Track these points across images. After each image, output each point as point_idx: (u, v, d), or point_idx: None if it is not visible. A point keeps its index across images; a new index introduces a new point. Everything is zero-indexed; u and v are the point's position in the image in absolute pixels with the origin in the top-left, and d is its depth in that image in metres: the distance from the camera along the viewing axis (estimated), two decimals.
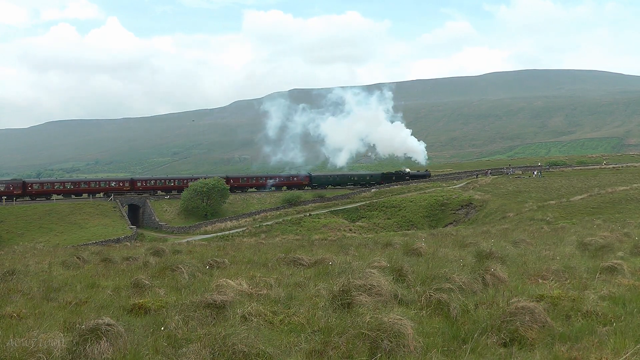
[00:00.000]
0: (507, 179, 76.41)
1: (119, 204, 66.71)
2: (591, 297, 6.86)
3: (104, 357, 4.97)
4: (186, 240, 44.17)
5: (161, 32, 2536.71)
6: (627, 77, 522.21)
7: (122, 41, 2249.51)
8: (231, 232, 55.90)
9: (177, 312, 6.34)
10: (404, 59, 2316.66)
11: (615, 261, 9.83)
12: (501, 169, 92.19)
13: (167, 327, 5.84)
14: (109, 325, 5.26)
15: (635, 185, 57.27)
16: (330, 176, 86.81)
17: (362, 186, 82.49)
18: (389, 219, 63.26)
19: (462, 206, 63.48)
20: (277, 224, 59.26)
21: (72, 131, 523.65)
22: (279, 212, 65.16)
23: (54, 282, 9.76)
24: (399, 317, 5.33)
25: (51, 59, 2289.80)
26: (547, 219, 43.44)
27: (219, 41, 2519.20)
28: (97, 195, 71.02)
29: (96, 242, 44.26)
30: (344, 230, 56.70)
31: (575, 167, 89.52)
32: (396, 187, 77.52)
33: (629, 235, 18.69)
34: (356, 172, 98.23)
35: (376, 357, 4.95)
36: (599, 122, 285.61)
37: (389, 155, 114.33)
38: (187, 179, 74.56)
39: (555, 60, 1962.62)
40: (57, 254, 18.32)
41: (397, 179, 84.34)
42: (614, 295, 7.37)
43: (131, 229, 57.50)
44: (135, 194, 72.68)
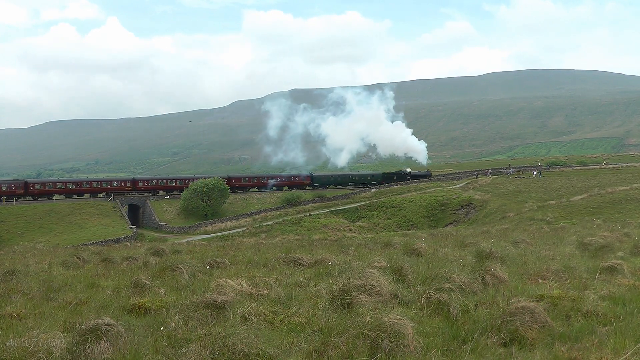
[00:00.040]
0: (507, 179, 76.40)
1: (119, 204, 66.68)
2: (591, 297, 6.85)
3: (104, 357, 4.97)
4: (186, 240, 44.18)
5: (161, 32, 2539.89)
6: (627, 77, 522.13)
7: (122, 41, 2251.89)
8: (231, 232, 55.91)
9: (177, 312, 6.34)
10: (404, 59, 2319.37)
11: (615, 261, 9.83)
12: (501, 169, 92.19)
13: (167, 327, 5.84)
14: (109, 325, 5.26)
15: (635, 185, 57.27)
16: (331, 176, 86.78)
17: (363, 186, 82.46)
18: (389, 219, 63.26)
19: (462, 206, 63.49)
20: (277, 224, 59.26)
21: (72, 131, 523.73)
22: (279, 212, 65.15)
23: (54, 282, 9.76)
24: (399, 317, 5.33)
25: (51, 59, 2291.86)
26: (547, 219, 43.43)
27: (219, 41, 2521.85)
28: (99, 195, 71.01)
29: (96, 242, 44.26)
30: (344, 230, 56.70)
31: (575, 167, 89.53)
32: (396, 187, 77.50)
33: (629, 235, 18.69)
34: (357, 172, 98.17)
35: (376, 357, 4.94)
36: (599, 122, 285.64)
37: (390, 155, 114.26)
38: (189, 179, 74.27)
39: (555, 60, 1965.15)
40: (57, 254, 18.32)
41: (398, 179, 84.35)
42: (614, 295, 7.37)
43: (131, 229, 57.49)
44: (137, 193, 72.59)
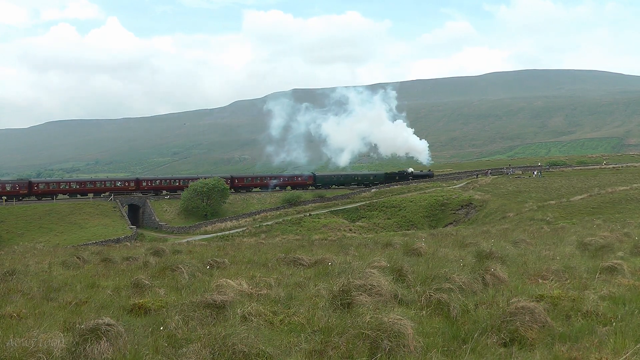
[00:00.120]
0: (507, 179, 76.39)
1: (119, 204, 66.66)
2: (591, 297, 6.85)
3: (104, 357, 4.97)
4: (186, 240, 44.18)
5: (161, 32, 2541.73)
6: (627, 77, 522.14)
7: (122, 41, 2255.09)
8: (231, 232, 55.90)
9: (177, 312, 6.33)
10: (404, 59, 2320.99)
11: (615, 261, 9.82)
12: (501, 169, 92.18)
13: (167, 327, 5.84)
14: (109, 325, 5.26)
15: (635, 185, 57.25)
16: (334, 176, 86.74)
17: (365, 186, 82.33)
18: (389, 219, 63.25)
19: (462, 206, 63.48)
20: (277, 224, 59.25)
21: (72, 131, 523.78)
22: (279, 212, 65.14)
23: (54, 282, 9.76)
24: (399, 317, 5.32)
25: (51, 59, 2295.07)
26: (547, 219, 43.42)
27: (219, 41, 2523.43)
28: (103, 195, 70.89)
29: (96, 242, 44.25)
30: (344, 230, 56.69)
31: (575, 167, 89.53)
32: (396, 187, 77.50)
33: (629, 235, 18.68)
34: (360, 172, 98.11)
35: (376, 357, 4.94)
36: (599, 122, 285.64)
37: (392, 155, 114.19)
38: (192, 179, 73.85)
39: (555, 60, 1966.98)
40: (57, 254, 18.31)
41: (400, 178, 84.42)
42: (614, 295, 7.36)
43: (131, 229, 57.48)
44: (140, 193, 72.54)
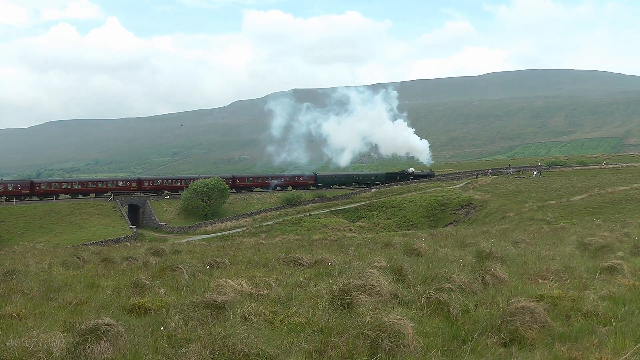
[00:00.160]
0: (507, 179, 76.40)
1: (119, 204, 66.67)
2: (591, 297, 6.85)
3: (104, 357, 4.97)
4: (186, 240, 44.18)
5: (161, 32, 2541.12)
6: (627, 77, 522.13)
7: (122, 41, 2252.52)
8: (231, 232, 55.90)
9: (177, 312, 6.34)
10: (404, 59, 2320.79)
11: (615, 261, 9.82)
12: (501, 169, 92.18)
13: (167, 327, 5.84)
14: (109, 325, 5.26)
15: (635, 185, 57.26)
16: (335, 176, 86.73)
17: (366, 186, 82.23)
18: (389, 219, 63.25)
19: (462, 206, 63.48)
20: (277, 224, 59.24)
21: (72, 131, 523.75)
22: (279, 212, 65.13)
23: (54, 282, 9.76)
24: (399, 317, 5.32)
25: (51, 59, 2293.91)
26: (547, 219, 43.43)
27: (219, 41, 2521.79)
28: (105, 195, 70.88)
29: (96, 242, 44.25)
30: (344, 230, 56.69)
31: (575, 167, 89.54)
32: (396, 187, 77.50)
33: (629, 235, 18.68)
34: (361, 172, 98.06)
35: (376, 357, 4.94)
36: (599, 122, 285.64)
37: (392, 155, 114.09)
38: (194, 179, 73.50)
39: (555, 60, 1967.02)
40: (57, 254, 18.32)
41: (401, 178, 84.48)
42: (614, 295, 7.36)
43: (131, 229, 57.49)
44: (142, 193, 72.58)
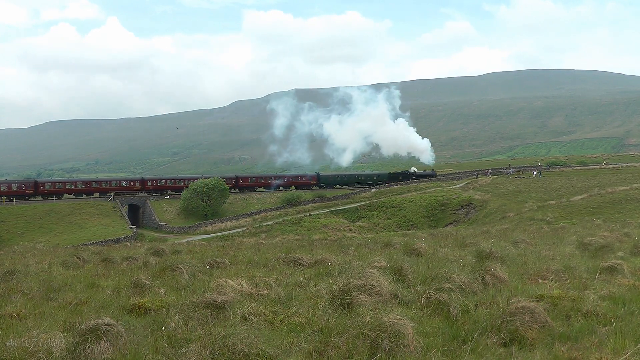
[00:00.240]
0: (507, 179, 76.40)
1: (119, 204, 66.67)
2: (591, 297, 6.85)
3: (104, 357, 4.97)
4: (186, 240, 44.17)
5: (161, 32, 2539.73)
6: (627, 77, 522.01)
7: (122, 41, 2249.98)
8: (231, 232, 55.89)
9: (177, 312, 6.34)
10: (404, 59, 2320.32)
11: (615, 261, 9.82)
12: (501, 169, 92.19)
13: (167, 327, 5.84)
14: (109, 325, 5.26)
15: (635, 185, 57.26)
16: (337, 176, 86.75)
17: (369, 186, 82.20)
18: (389, 219, 63.25)
19: (462, 206, 63.48)
20: (277, 224, 59.24)
21: (72, 131, 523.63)
22: (279, 212, 65.13)
23: (54, 282, 9.76)
24: (399, 317, 5.32)
25: (51, 59, 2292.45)
26: (547, 219, 43.43)
27: (219, 41, 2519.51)
28: (108, 194, 70.88)
29: (96, 242, 44.24)
30: (344, 230, 56.68)
31: (575, 167, 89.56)
32: (396, 187, 77.52)
33: (629, 235, 18.68)
34: (363, 172, 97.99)
35: (376, 357, 4.94)
36: (599, 122, 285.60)
37: (393, 154, 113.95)
38: (196, 179, 73.25)
39: (555, 60, 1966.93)
40: (57, 254, 18.32)
41: (403, 178, 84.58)
42: (614, 295, 7.36)
43: (131, 229, 57.48)
44: (145, 193, 72.72)
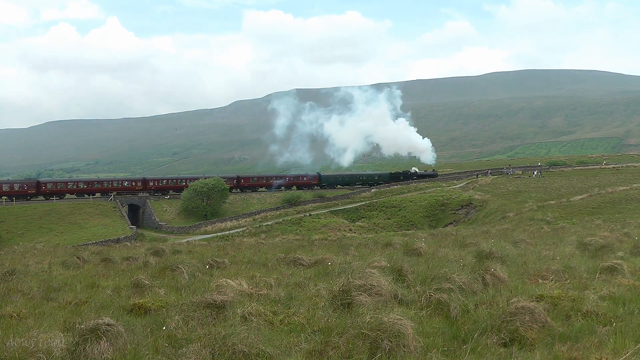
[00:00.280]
0: (507, 179, 76.40)
1: (119, 204, 66.67)
2: (591, 297, 6.85)
3: (104, 357, 4.97)
4: (186, 240, 44.16)
5: (161, 32, 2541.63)
6: (627, 77, 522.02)
7: (122, 41, 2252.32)
8: (231, 232, 55.88)
9: (177, 312, 6.33)
10: (404, 59, 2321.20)
11: (615, 261, 9.82)
12: (501, 169, 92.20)
13: (167, 327, 5.83)
14: (109, 325, 5.26)
15: (635, 185, 57.25)
16: (339, 176, 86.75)
17: (370, 186, 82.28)
18: (389, 219, 63.24)
19: (462, 206, 63.48)
20: (277, 224, 59.23)
21: (72, 131, 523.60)
22: (279, 212, 65.12)
23: (54, 282, 9.76)
24: (399, 317, 5.32)
25: (51, 59, 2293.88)
26: (547, 219, 43.41)
27: (219, 41, 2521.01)
28: (111, 194, 70.85)
29: (96, 242, 44.24)
30: (344, 230, 56.67)
31: (575, 167, 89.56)
32: (396, 187, 77.52)
33: (629, 235, 18.68)
34: (364, 172, 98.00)
35: (376, 357, 4.94)
36: (599, 122, 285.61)
37: (394, 154, 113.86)
38: (199, 179, 73.74)
39: (555, 60, 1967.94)
40: (57, 254, 18.32)
41: (405, 178, 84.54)
42: (614, 295, 7.36)
43: (131, 229, 57.47)
44: (147, 193, 72.82)
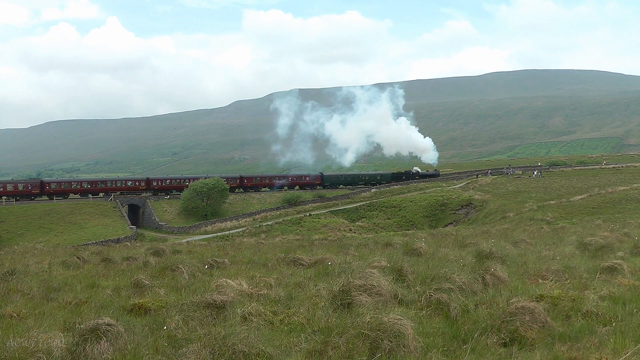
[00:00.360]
0: (507, 179, 76.40)
1: (119, 204, 66.71)
2: (591, 297, 6.85)
3: (104, 357, 4.97)
4: (186, 240, 44.16)
5: (161, 32, 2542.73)
6: (627, 77, 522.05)
7: (122, 41, 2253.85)
8: (231, 232, 55.88)
9: (177, 312, 6.33)
10: (405, 59, 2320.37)
11: (615, 261, 9.82)
12: (501, 169, 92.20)
13: (167, 327, 5.83)
14: (109, 325, 5.26)
15: (635, 185, 57.25)
16: (341, 176, 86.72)
17: (372, 186, 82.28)
18: (389, 219, 63.24)
19: (462, 206, 63.48)
20: (277, 224, 59.22)
21: (72, 131, 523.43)
22: (279, 212, 65.12)
23: (54, 282, 9.76)
24: (399, 317, 5.32)
25: (51, 59, 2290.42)
26: (547, 219, 43.41)
27: (219, 41, 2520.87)
28: (114, 194, 70.89)
29: (96, 242, 44.26)
30: (344, 230, 56.67)
31: (575, 167, 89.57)
32: (396, 187, 77.54)
33: (629, 235, 18.68)
34: (367, 171, 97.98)
35: (376, 357, 4.94)
36: (599, 122, 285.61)
37: (395, 154, 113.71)
38: (201, 179, 73.66)
39: (555, 60, 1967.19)
40: (57, 254, 18.31)
41: (407, 178, 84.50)
42: (614, 295, 7.36)
43: (131, 229, 57.49)
44: (151, 193, 72.87)
